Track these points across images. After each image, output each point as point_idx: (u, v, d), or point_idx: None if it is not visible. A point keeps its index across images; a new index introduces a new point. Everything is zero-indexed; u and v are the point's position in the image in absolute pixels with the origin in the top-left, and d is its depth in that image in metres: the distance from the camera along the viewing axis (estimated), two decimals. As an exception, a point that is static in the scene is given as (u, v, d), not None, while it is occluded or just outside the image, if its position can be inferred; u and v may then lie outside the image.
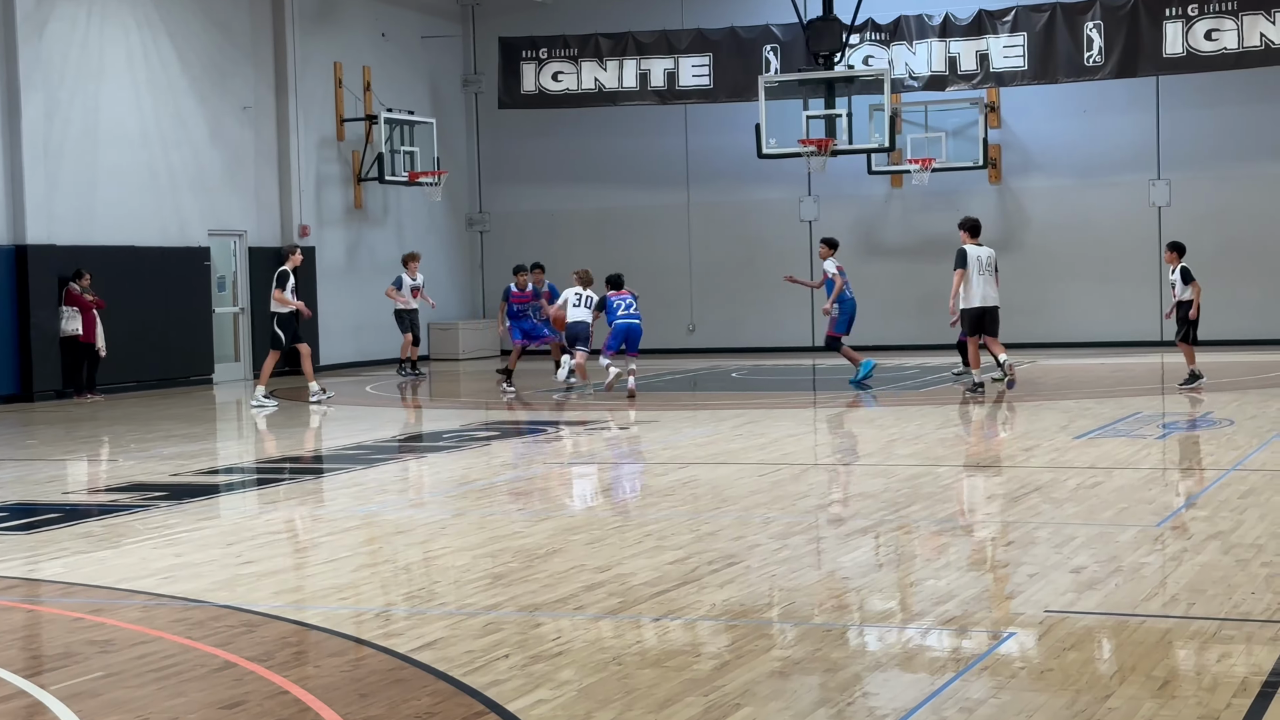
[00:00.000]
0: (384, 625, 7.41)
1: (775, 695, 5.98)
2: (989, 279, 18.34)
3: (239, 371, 25.34)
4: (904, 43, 26.52)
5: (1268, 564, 8.17)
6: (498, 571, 8.59)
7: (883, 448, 14.58)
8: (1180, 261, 18.66)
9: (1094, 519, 9.79)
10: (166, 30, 24.02)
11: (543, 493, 11.93)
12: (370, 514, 11.09)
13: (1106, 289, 27.41)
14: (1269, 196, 26.42)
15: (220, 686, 6.32)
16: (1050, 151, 27.70)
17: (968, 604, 7.50)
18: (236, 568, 8.94)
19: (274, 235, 26.14)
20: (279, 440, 16.28)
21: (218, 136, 24.96)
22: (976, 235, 18.63)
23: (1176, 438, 14.31)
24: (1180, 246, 18.88)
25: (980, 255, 18.36)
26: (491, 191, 31.13)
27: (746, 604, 7.65)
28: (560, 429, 16.51)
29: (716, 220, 29.45)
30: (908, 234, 28.20)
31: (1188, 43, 24.93)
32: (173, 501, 11.75)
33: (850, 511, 10.64)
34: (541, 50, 28.45)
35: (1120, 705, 5.72)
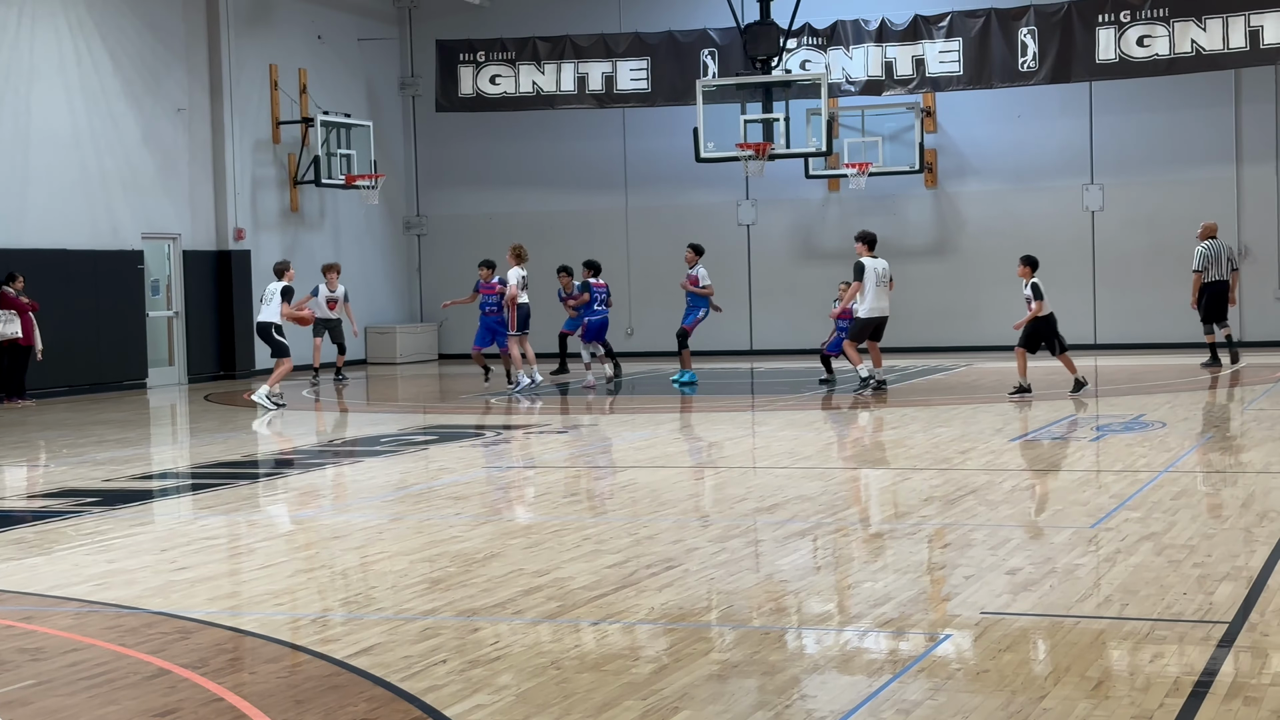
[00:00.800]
0: (320, 631, 7.36)
1: (713, 698, 5.99)
2: (883, 290, 19.18)
3: (173, 376, 25.13)
4: (841, 47, 26.65)
5: (1199, 565, 8.26)
6: (435, 576, 8.55)
7: (820, 451, 14.64)
8: (1033, 276, 18.46)
9: (1029, 521, 9.86)
10: (99, 32, 23.79)
11: (481, 497, 11.89)
12: (306, 519, 11.01)
13: (1041, 292, 27.59)
14: (1200, 201, 26.71)
15: (154, 694, 6.25)
16: (985, 156, 27.92)
17: (905, 606, 7.54)
18: (170, 574, 8.86)
19: (209, 239, 25.94)
20: (215, 445, 16.14)
21: (151, 139, 24.74)
22: (873, 248, 19.35)
23: (1110, 440, 14.44)
24: (1033, 260, 18.71)
25: (876, 267, 19.09)
26: (429, 195, 31.02)
27: (685, 607, 7.65)
28: (499, 433, 16.46)
29: (655, 224, 29.48)
30: (845, 238, 28.26)
31: (1120, 49, 25.19)
32: (106, 507, 11.62)
33: (788, 514, 10.67)
34: (479, 53, 28.39)
35: (1055, 706, 5.76)
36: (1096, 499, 10.71)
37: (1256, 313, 26.66)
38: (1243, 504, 10.34)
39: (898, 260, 27.81)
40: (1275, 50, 24.38)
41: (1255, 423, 15.47)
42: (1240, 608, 7.24)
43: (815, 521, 10.24)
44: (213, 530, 10.63)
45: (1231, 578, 7.91)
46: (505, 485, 12.51)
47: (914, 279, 27.91)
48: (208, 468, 14.19)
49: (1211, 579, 7.89)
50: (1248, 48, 24.49)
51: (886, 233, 28.35)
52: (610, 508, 11.36)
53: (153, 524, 11.09)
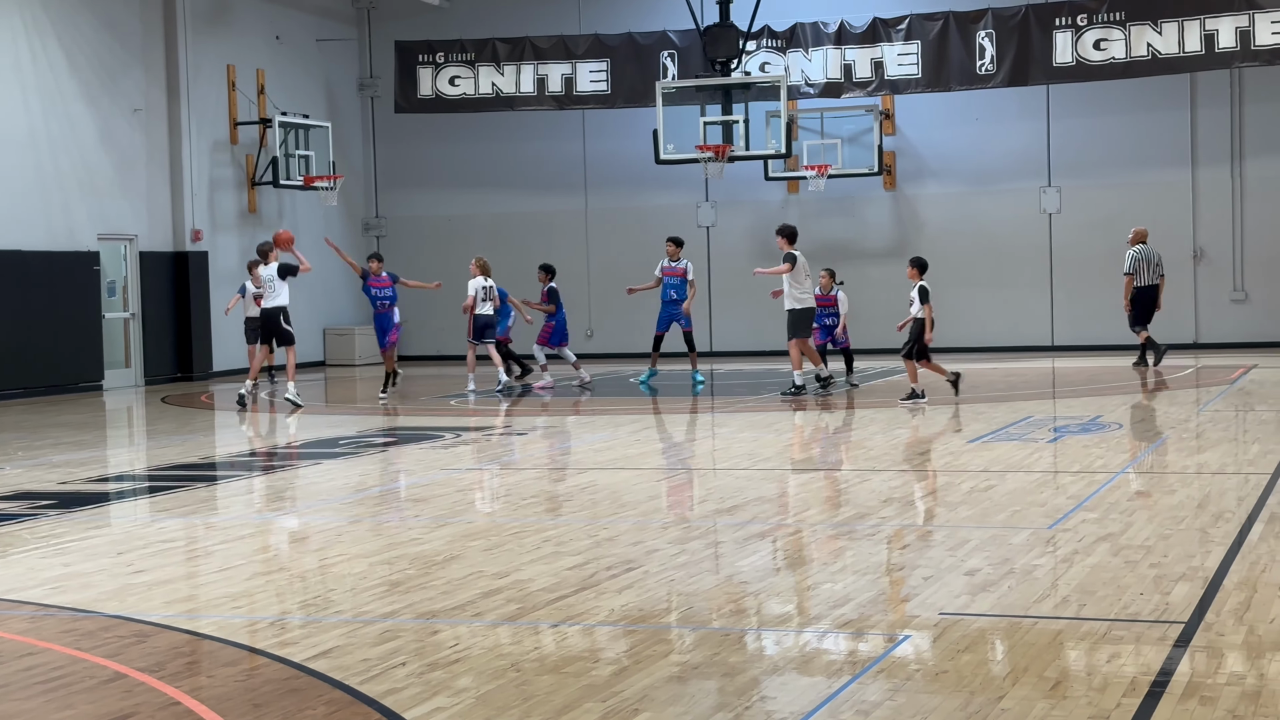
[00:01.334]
0: (279, 634, 7.32)
1: (673, 700, 5.99)
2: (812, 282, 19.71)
3: (130, 378, 24.96)
4: (800, 50, 26.72)
5: (1156, 565, 8.31)
6: (394, 579, 8.52)
7: (779, 452, 14.67)
8: (920, 279, 18.28)
9: (987, 522, 9.91)
10: (55, 32, 23.62)
11: (440, 499, 11.86)
12: (265, 521, 10.96)
13: (999, 294, 27.77)
14: (1156, 204, 26.91)
15: (110, 698, 6.21)
16: (944, 159, 28.03)
17: (864, 607, 7.56)
18: (127, 577, 8.80)
19: (165, 240, 25.79)
20: (172, 447, 16.05)
21: (108, 139, 24.58)
22: (793, 242, 19.81)
23: (1068, 441, 14.52)
24: (922, 263, 18.59)
25: (805, 260, 19.54)
26: (388, 196, 30.93)
27: (645, 609, 7.65)
28: (458, 435, 16.43)
29: (614, 225, 29.48)
30: (804, 240, 28.16)
31: (1077, 52, 25.35)
32: (61, 510, 11.54)
33: (748, 516, 10.68)
34: (438, 54, 28.32)
35: (1013, 706, 5.79)
36: (1054, 500, 10.76)
37: (1212, 315, 26.88)
38: (1198, 505, 10.41)
39: (857, 262, 27.95)
40: (1230, 54, 24.59)
41: (1211, 424, 15.59)
42: (1196, 608, 7.29)
43: (775, 523, 10.26)
44: (170, 533, 10.57)
45: (1187, 578, 7.96)
46: (465, 487, 12.49)
47: (873, 281, 28.00)
48: (165, 470, 14.10)
49: (1168, 579, 7.94)
50: (1203, 51, 24.68)
51: (846, 235, 28.50)
52: (570, 510, 11.35)
53: (109, 527, 11.02)
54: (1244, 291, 26.72)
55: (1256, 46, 24.34)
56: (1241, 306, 26.74)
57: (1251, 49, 24.38)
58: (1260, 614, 7.14)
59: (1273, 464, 12.04)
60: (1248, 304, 26.70)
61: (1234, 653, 6.49)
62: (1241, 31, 24.33)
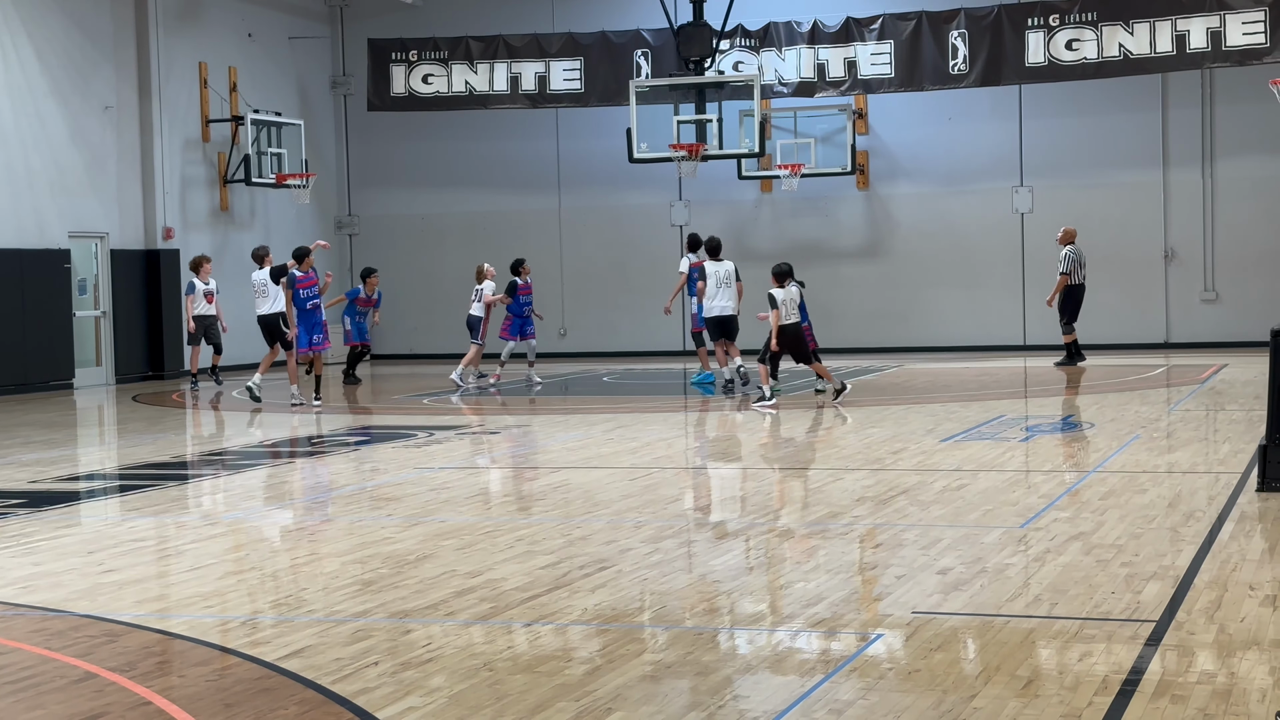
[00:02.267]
0: (251, 633, 7.29)
1: (646, 699, 5.99)
2: (727, 290, 19.40)
3: (101, 376, 24.84)
4: (773, 49, 26.74)
5: (1127, 564, 8.34)
6: (367, 578, 8.50)
7: (753, 451, 14.68)
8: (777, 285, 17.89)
9: (960, 521, 9.93)
10: (25, 29, 23.49)
11: (413, 498, 11.83)
12: (236, 520, 10.92)
13: (971, 294, 27.85)
14: (1127, 204, 27.04)
15: (81, 698, 6.18)
16: (916, 158, 28.09)
17: (837, 606, 7.57)
18: (97, 576, 8.76)
19: (137, 238, 25.68)
20: (143, 446, 15.98)
21: (78, 137, 24.46)
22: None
23: (1040, 441, 14.57)
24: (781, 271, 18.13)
25: (718, 270, 19.39)
26: (361, 195, 30.85)
27: (618, 608, 7.65)
28: (431, 434, 16.40)
29: (588, 224, 29.47)
30: (778, 239, 28.42)
31: (1049, 52, 25.42)
32: (31, 509, 11.47)
33: (721, 515, 10.69)
34: (411, 52, 28.26)
35: (985, 705, 5.80)
36: (1026, 499, 10.80)
37: (1183, 315, 27.00)
38: (1169, 504, 10.46)
39: (830, 262, 28.01)
40: (1201, 55, 24.69)
41: (1182, 423, 15.66)
42: (1167, 607, 7.32)
43: (748, 522, 10.27)
44: (141, 532, 10.52)
45: (1159, 577, 8.00)
46: (437, 486, 12.46)
47: (846, 280, 28.08)
48: (136, 469, 14.04)
49: (1139, 578, 7.97)
50: (1174, 52, 24.78)
51: (819, 234, 28.55)
52: (543, 508, 11.34)
53: (79, 526, 10.96)
54: (1215, 291, 26.85)
55: (1227, 47, 24.45)
56: (1212, 306, 26.87)
57: (1223, 49, 24.49)
58: (1231, 613, 7.17)
59: (1243, 463, 12.10)
60: (1218, 304, 26.83)
61: (1205, 651, 6.52)
62: (1213, 32, 24.45)
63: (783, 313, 17.80)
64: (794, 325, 17.98)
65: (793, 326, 17.95)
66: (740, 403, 18.80)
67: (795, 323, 18.00)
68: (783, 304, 17.82)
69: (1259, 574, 8.05)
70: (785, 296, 17.87)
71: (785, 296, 17.87)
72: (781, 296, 17.83)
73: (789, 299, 17.89)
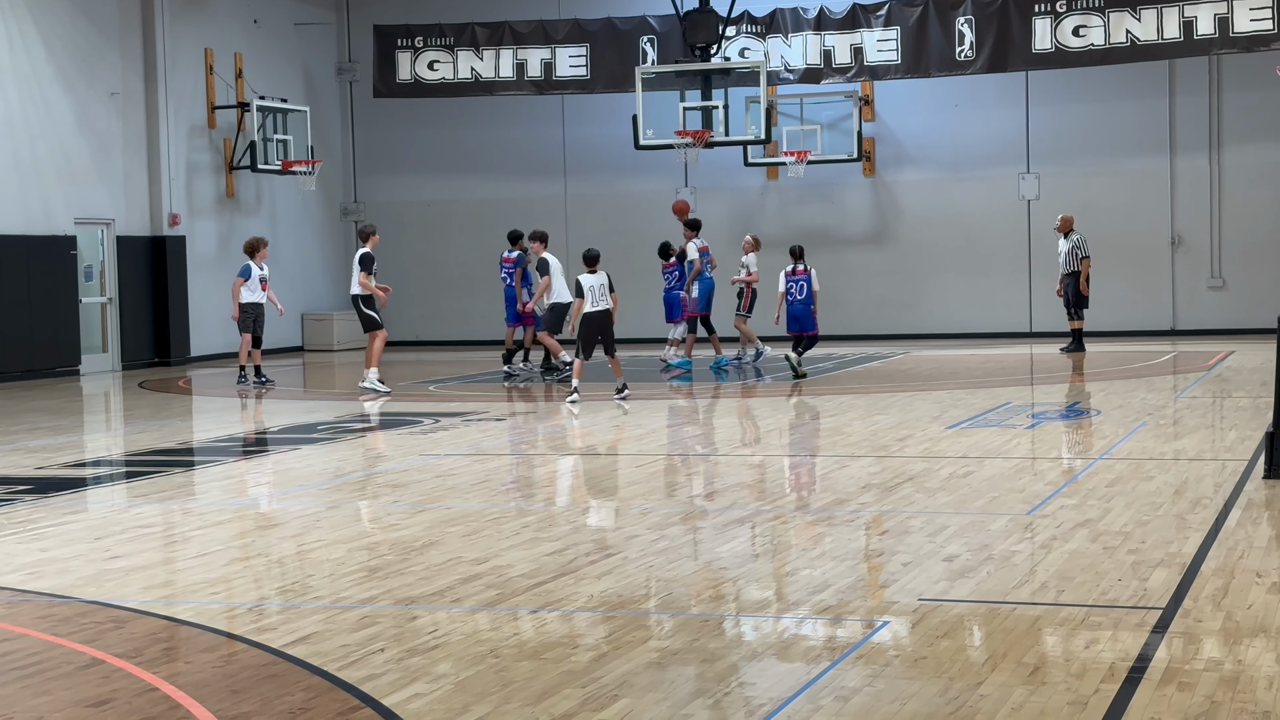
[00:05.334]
0: (257, 620, 7.30)
1: (652, 686, 5.99)
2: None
3: (107, 363, 24.86)
4: (780, 35, 26.70)
5: (1134, 551, 8.33)
6: (373, 564, 8.51)
7: (759, 438, 14.67)
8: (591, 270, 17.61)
9: (966, 508, 9.92)
10: (31, 16, 23.48)
11: (419, 484, 11.84)
12: (243, 507, 10.92)
13: (977, 281, 27.81)
14: (1134, 190, 26.98)
15: (87, 684, 6.18)
16: (922, 145, 28.05)
17: (843, 593, 7.56)
18: (104, 562, 8.76)
19: (143, 224, 25.69)
20: (149, 432, 15.99)
21: (84, 124, 24.45)
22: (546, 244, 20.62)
23: (1046, 428, 14.55)
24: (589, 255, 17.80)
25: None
26: (367, 181, 30.84)
27: (624, 595, 7.65)
28: (436, 420, 16.40)
29: (594, 211, 29.44)
30: (784, 225, 28.39)
31: (1056, 39, 25.37)
32: (38, 495, 11.49)
33: (727, 501, 10.68)
34: (417, 39, 28.24)
35: (992, 692, 5.80)
36: (1032, 486, 10.79)
37: (1189, 302, 26.96)
38: (1176, 491, 10.45)
39: (835, 248, 27.98)
40: (1208, 41, 24.63)
41: (1188, 410, 15.64)
42: (1174, 594, 7.31)
43: (754, 509, 10.27)
44: (147, 518, 10.53)
45: (1165, 564, 7.99)
46: (443, 473, 12.46)
47: (852, 267, 28.05)
48: (142, 455, 14.05)
49: (1146, 565, 7.96)
50: (1181, 39, 24.72)
51: (825, 221, 28.52)
52: (549, 495, 11.34)
53: (86, 512, 10.97)
54: (1221, 278, 26.80)
55: (1235, 33, 24.38)
56: (1219, 293, 26.82)
57: (1230, 36, 24.43)
58: (1238, 600, 7.16)
59: (1250, 450, 12.09)
60: (1225, 291, 26.78)
61: (1211, 638, 6.51)
62: (1220, 18, 24.38)
63: (588, 300, 17.28)
64: (600, 313, 17.38)
65: (599, 314, 17.37)
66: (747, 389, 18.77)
67: (603, 310, 17.39)
68: (589, 290, 17.30)
69: (1266, 561, 8.04)
70: (593, 283, 17.35)
71: (593, 283, 17.35)
72: (589, 283, 17.33)
73: (596, 285, 17.35)
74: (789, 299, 20.10)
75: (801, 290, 20.06)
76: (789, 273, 20.22)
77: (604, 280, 17.51)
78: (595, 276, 17.43)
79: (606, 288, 17.52)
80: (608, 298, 17.50)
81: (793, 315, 20.06)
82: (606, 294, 17.49)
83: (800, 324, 20.04)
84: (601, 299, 17.43)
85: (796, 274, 20.17)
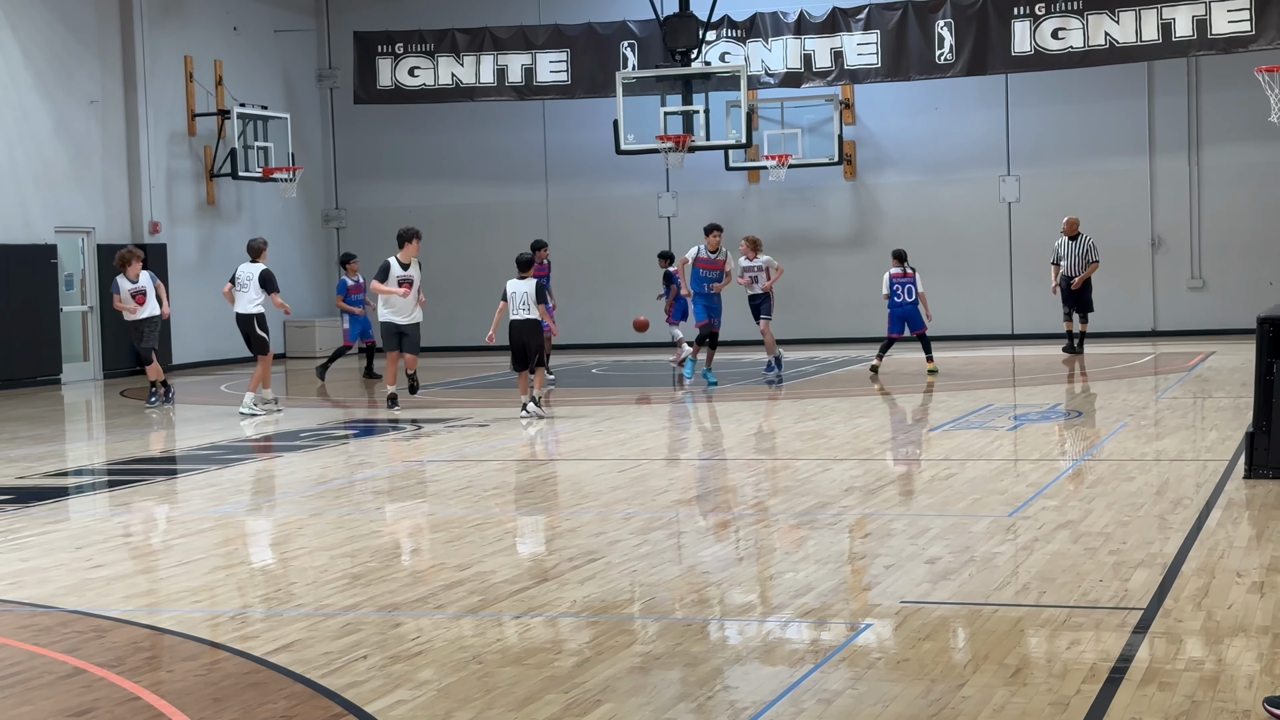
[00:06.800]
0: (240, 628, 7.29)
1: (636, 691, 5.99)
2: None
3: (88, 371, 24.79)
4: (760, 39, 26.73)
5: (1115, 552, 8.36)
6: (356, 571, 8.50)
7: (741, 442, 14.69)
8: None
9: (948, 510, 9.94)
10: (9, 23, 23.41)
11: (401, 490, 11.83)
12: (225, 515, 10.91)
13: (959, 283, 27.85)
14: (1114, 192, 27.06)
15: (69, 693, 6.17)
16: (903, 148, 28.10)
17: (826, 596, 7.58)
18: (85, 572, 8.74)
19: (123, 232, 25.62)
20: (131, 441, 15.95)
21: (63, 131, 24.39)
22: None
23: (1027, 429, 14.59)
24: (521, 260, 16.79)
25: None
26: (348, 187, 30.81)
27: (607, 600, 7.65)
28: (419, 427, 16.39)
29: (576, 216, 29.44)
30: (765, 229, 28.37)
31: (1035, 41, 25.44)
32: (19, 505, 11.45)
33: (710, 506, 10.69)
34: (397, 45, 28.22)
35: (974, 693, 5.81)
36: (1014, 488, 10.81)
37: (1169, 303, 27.05)
38: (1157, 491, 10.48)
39: (817, 251, 28.02)
40: (1187, 43, 24.72)
41: (1169, 411, 15.68)
42: (1155, 594, 7.34)
43: (737, 513, 10.28)
44: (129, 527, 10.51)
45: (1146, 564, 8.01)
46: (426, 479, 12.46)
47: (833, 270, 28.09)
48: (124, 464, 14.02)
49: (1127, 566, 7.99)
50: (1160, 40, 24.81)
51: (806, 224, 28.55)
52: (532, 501, 11.34)
53: (67, 521, 10.94)
54: (1201, 279, 26.90)
55: (1213, 35, 24.48)
56: (1199, 294, 26.91)
57: (1208, 37, 24.52)
58: (1218, 600, 7.19)
59: (1230, 450, 12.13)
60: (1205, 291, 26.87)
61: (1193, 638, 6.53)
62: (1198, 20, 24.48)
63: (510, 306, 16.36)
64: (524, 321, 16.34)
65: (523, 322, 16.34)
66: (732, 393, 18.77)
67: (526, 319, 16.34)
68: (511, 296, 16.38)
69: (1246, 560, 8.07)
70: (516, 289, 16.39)
71: (516, 289, 16.39)
72: (512, 289, 16.40)
73: (519, 292, 16.36)
74: (895, 299, 20.36)
75: (910, 292, 20.35)
76: (895, 275, 20.39)
77: (530, 289, 16.36)
78: (523, 283, 16.40)
79: (532, 296, 16.35)
80: (533, 307, 16.34)
81: (903, 316, 20.39)
82: (531, 303, 16.32)
83: (912, 323, 20.45)
84: (523, 307, 16.31)
85: (905, 276, 20.37)
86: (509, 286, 16.51)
